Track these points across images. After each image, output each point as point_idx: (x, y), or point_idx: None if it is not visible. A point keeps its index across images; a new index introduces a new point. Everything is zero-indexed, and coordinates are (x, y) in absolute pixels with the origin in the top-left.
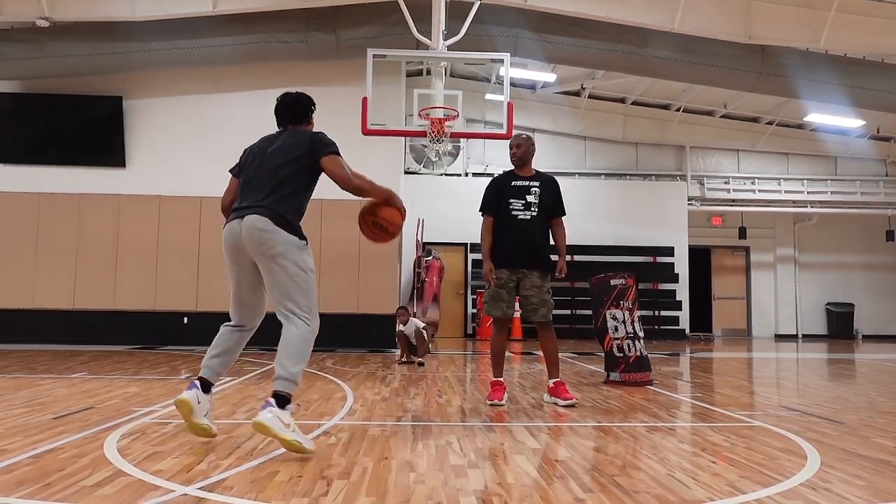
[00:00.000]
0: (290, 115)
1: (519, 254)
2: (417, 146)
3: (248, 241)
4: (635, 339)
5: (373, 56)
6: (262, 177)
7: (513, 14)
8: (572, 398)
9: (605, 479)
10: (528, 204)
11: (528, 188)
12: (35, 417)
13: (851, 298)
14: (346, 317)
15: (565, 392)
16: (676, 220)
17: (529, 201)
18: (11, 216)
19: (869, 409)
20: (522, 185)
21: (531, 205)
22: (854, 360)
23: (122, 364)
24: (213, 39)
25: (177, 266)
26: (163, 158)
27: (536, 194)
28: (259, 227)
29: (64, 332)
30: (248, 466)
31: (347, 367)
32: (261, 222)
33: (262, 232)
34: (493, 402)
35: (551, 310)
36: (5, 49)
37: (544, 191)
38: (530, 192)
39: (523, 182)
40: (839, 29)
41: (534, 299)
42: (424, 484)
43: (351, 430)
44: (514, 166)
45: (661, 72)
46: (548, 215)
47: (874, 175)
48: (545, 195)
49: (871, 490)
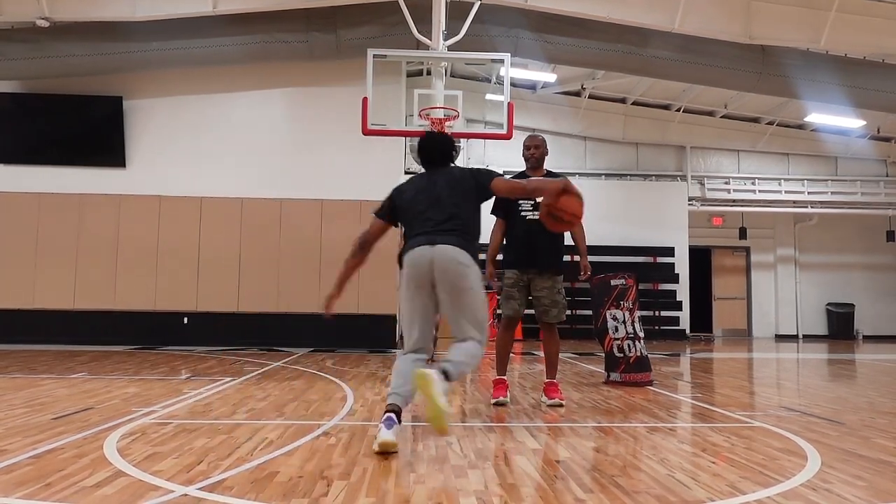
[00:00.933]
0: (440, 155)
1: (527, 255)
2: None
3: (443, 269)
4: (635, 339)
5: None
6: (442, 209)
7: (513, 14)
8: (556, 398)
9: (606, 480)
10: (537, 204)
11: None
12: (35, 418)
13: (852, 299)
14: (346, 317)
15: (554, 392)
16: (677, 221)
17: (538, 202)
18: (11, 216)
19: (869, 410)
20: None
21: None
22: (854, 360)
23: (122, 364)
24: (213, 39)
25: (177, 266)
26: (163, 158)
27: None
28: (459, 259)
29: (64, 332)
30: (248, 466)
31: (347, 368)
32: (459, 254)
33: (460, 265)
34: (496, 400)
35: (563, 311)
36: (5, 49)
37: None
38: None
39: None
40: (839, 29)
41: (545, 300)
42: (424, 484)
43: (351, 430)
44: (529, 167)
45: (661, 72)
46: None
47: (874, 175)
48: None
49: (871, 490)
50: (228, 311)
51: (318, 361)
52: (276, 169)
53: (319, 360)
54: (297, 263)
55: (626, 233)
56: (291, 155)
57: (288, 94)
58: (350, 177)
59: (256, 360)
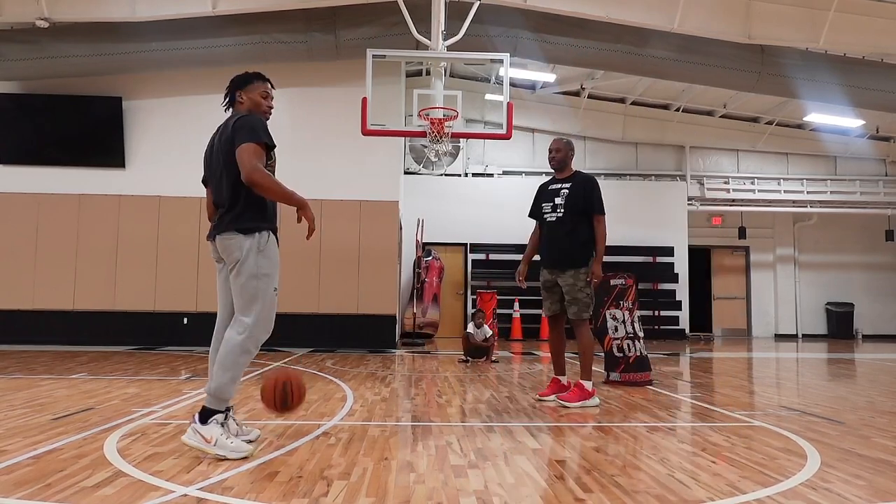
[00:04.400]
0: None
1: (548, 254)
2: (417, 146)
3: None
4: (635, 339)
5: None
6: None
7: (513, 14)
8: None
9: (606, 480)
10: (556, 206)
11: (559, 190)
12: (35, 418)
13: (851, 298)
14: (346, 317)
15: (571, 393)
16: (676, 220)
17: (557, 203)
18: (11, 216)
19: (869, 409)
20: (554, 188)
21: (558, 206)
22: (854, 359)
23: (122, 365)
24: (212, 40)
25: (177, 266)
26: (162, 159)
27: (564, 195)
28: None
29: (64, 332)
30: (248, 467)
31: (347, 368)
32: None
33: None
34: (538, 398)
35: (585, 308)
36: (5, 50)
37: (574, 190)
38: (559, 195)
39: (557, 185)
40: (839, 29)
41: (567, 297)
42: (424, 484)
43: (351, 430)
44: (553, 170)
45: (660, 72)
46: (581, 214)
47: (874, 175)
48: (574, 194)
49: (871, 490)
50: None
51: (317, 361)
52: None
53: (319, 360)
54: (297, 263)
55: (626, 232)
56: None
57: (287, 95)
58: (350, 177)
59: (256, 361)
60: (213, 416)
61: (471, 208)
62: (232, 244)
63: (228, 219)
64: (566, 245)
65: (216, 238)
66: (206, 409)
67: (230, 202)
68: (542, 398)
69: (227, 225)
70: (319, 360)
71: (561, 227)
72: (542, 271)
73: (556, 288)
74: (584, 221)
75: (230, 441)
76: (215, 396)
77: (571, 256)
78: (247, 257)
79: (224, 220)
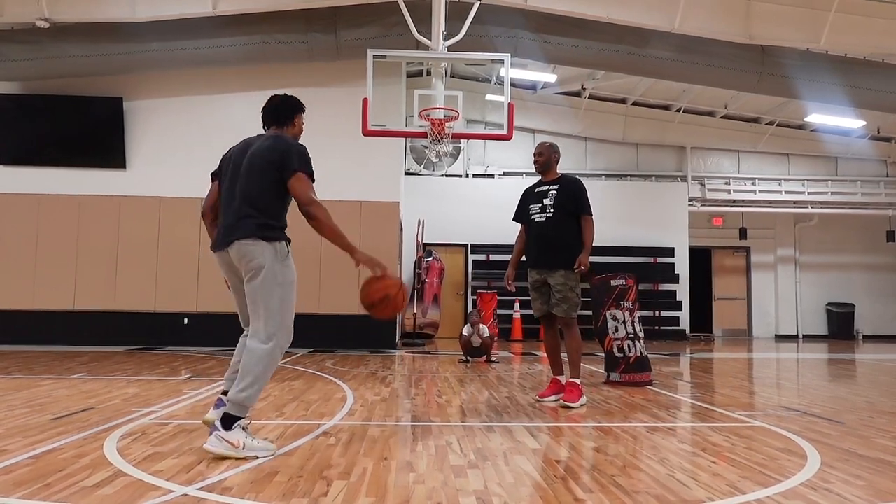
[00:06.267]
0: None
1: (536, 254)
2: (418, 147)
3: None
4: (635, 339)
5: (373, 57)
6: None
7: (513, 14)
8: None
9: (606, 480)
10: (545, 207)
11: (547, 192)
12: (35, 418)
13: (852, 299)
14: (345, 317)
15: (569, 393)
16: (677, 221)
17: (546, 204)
18: (11, 217)
19: (869, 410)
20: (541, 190)
21: (547, 206)
22: (854, 360)
23: (122, 365)
24: (213, 40)
25: (177, 267)
26: (163, 159)
27: (553, 196)
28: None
29: (64, 332)
30: (248, 466)
31: (347, 368)
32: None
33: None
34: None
35: (574, 307)
36: (6, 50)
37: (562, 192)
38: (547, 195)
39: (543, 187)
40: (839, 29)
41: (556, 296)
42: (424, 484)
43: (351, 430)
44: (538, 173)
45: (661, 72)
46: (570, 215)
47: (875, 175)
48: (563, 195)
49: (871, 490)
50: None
51: (317, 361)
52: None
53: (319, 361)
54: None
55: (627, 233)
56: None
57: None
58: (350, 177)
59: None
60: (237, 422)
61: (471, 209)
62: (254, 250)
63: (251, 225)
64: (557, 244)
65: (233, 244)
66: (229, 416)
67: (256, 208)
68: (541, 398)
69: (251, 231)
70: (319, 360)
71: (551, 226)
72: (529, 272)
73: (545, 287)
74: (573, 222)
75: (256, 442)
76: (241, 405)
77: (562, 255)
78: (272, 265)
79: (244, 226)
